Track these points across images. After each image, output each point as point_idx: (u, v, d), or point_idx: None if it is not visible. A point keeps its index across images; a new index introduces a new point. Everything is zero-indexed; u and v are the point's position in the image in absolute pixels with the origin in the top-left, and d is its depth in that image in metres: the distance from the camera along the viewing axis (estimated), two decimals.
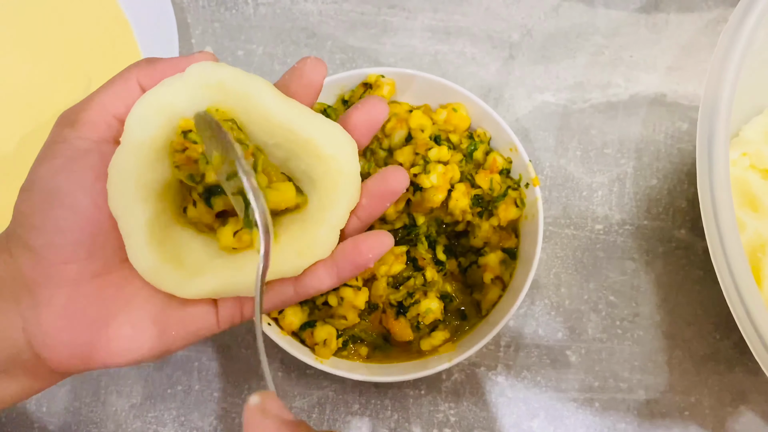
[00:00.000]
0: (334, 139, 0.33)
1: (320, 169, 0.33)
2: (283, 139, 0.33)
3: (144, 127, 0.32)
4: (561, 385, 0.54)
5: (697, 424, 0.54)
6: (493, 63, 0.60)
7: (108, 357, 0.32)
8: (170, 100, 0.32)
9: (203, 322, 0.34)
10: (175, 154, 0.33)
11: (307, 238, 0.33)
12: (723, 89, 0.40)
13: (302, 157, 0.33)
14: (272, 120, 0.33)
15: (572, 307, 0.56)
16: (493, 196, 0.50)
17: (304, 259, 0.33)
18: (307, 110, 0.33)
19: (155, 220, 0.33)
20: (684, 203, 0.57)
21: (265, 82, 0.33)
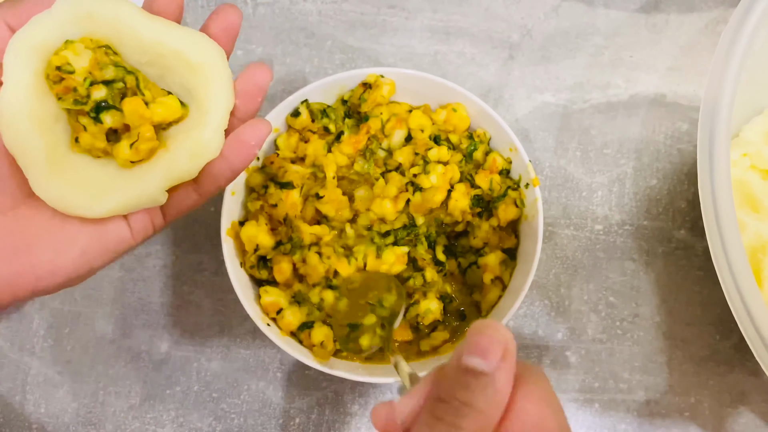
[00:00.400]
0: (200, 48, 0.35)
1: (194, 80, 0.35)
2: (155, 54, 0.35)
3: (23, 66, 0.33)
4: (561, 386, 0.54)
5: (697, 424, 0.54)
6: (492, 63, 0.60)
7: (34, 282, 0.34)
8: (42, 36, 0.33)
9: (119, 237, 0.36)
10: (55, 87, 0.34)
11: (196, 142, 0.35)
12: (724, 90, 0.40)
13: (175, 70, 0.35)
14: (142, 38, 0.34)
15: (572, 307, 0.56)
16: (493, 197, 0.50)
17: (196, 160, 0.35)
18: (174, 25, 0.35)
19: (53, 152, 0.34)
20: (684, 204, 0.57)
21: (132, 4, 0.35)
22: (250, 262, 0.49)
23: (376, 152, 0.51)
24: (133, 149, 0.35)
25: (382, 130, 0.51)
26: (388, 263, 0.49)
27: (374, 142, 0.51)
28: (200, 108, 0.35)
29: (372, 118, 0.51)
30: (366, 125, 0.51)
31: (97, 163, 0.36)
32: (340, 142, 0.51)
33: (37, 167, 0.34)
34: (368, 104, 0.51)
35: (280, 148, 0.51)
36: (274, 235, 0.49)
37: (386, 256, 0.49)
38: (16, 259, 0.34)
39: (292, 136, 0.51)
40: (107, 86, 0.35)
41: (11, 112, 0.33)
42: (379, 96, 0.50)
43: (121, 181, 0.35)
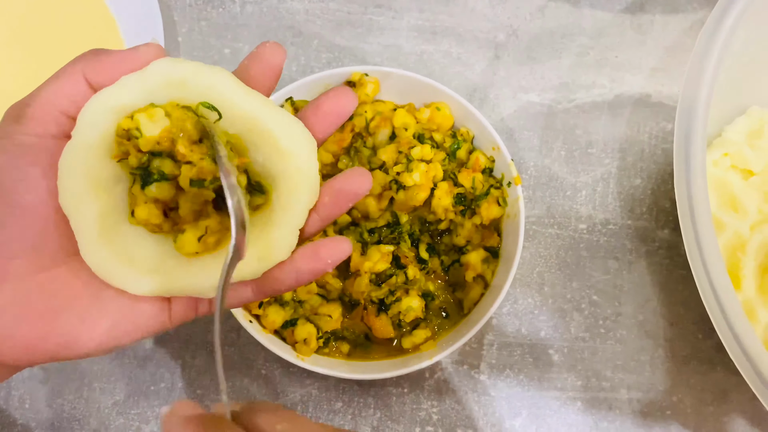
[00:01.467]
0: (292, 134, 0.33)
1: (279, 166, 0.33)
2: (245, 130, 0.33)
3: (96, 125, 0.31)
4: (543, 384, 0.55)
5: (679, 423, 0.54)
6: (478, 63, 0.60)
7: (56, 350, 0.32)
8: (127, 99, 0.31)
9: (155, 318, 0.34)
10: (116, 147, 0.32)
11: (268, 241, 0.32)
12: (700, 89, 0.40)
13: (261, 149, 0.33)
14: (234, 111, 0.32)
15: (555, 306, 0.56)
16: (476, 195, 0.51)
17: (264, 263, 0.32)
18: (269, 102, 0.33)
19: (106, 216, 0.32)
20: (667, 203, 0.58)
21: (227, 73, 0.33)
22: None
23: (360, 150, 0.51)
24: (201, 242, 0.32)
25: (367, 128, 0.51)
26: (372, 261, 0.49)
27: (358, 140, 0.52)
28: (280, 200, 0.33)
29: (356, 116, 0.51)
30: (350, 123, 0.51)
31: (152, 239, 0.34)
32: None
33: (86, 229, 0.32)
34: None
35: None
36: None
37: (371, 253, 0.49)
38: (41, 322, 0.32)
39: None
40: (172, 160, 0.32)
41: (70, 171, 0.31)
42: (363, 94, 0.51)
43: (175, 263, 0.33)
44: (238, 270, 0.32)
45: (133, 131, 0.31)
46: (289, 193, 0.33)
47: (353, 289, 0.49)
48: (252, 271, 0.33)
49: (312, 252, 0.34)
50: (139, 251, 0.33)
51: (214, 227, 0.33)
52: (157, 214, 0.33)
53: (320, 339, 0.49)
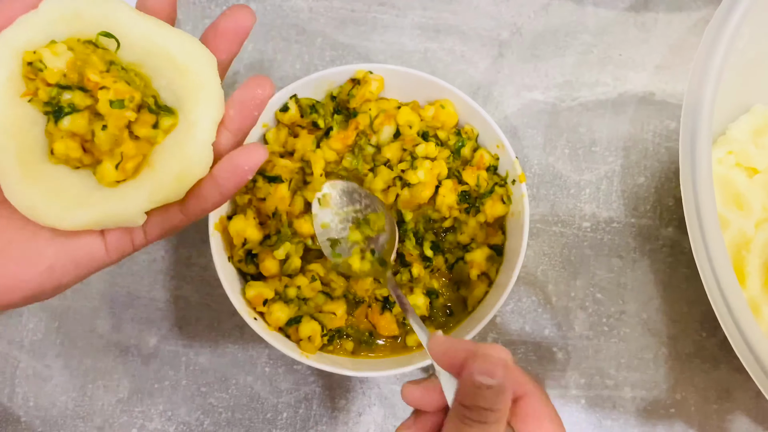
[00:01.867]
0: (189, 51, 0.33)
1: (181, 83, 0.33)
2: (144, 53, 0.33)
3: (1, 67, 0.32)
4: (547, 382, 0.55)
5: (683, 421, 0.54)
6: (482, 61, 0.60)
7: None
8: (26, 37, 0.32)
9: (92, 252, 0.34)
10: (26, 84, 0.32)
11: (182, 160, 0.33)
12: (706, 87, 0.40)
13: (163, 72, 0.33)
14: (131, 36, 0.33)
15: (559, 304, 0.56)
16: (480, 193, 0.51)
17: (183, 182, 0.33)
18: (166, 26, 0.33)
19: (26, 157, 0.32)
20: (671, 201, 0.58)
21: (122, 2, 0.33)
22: (238, 256, 0.49)
23: (364, 148, 0.51)
24: (119, 170, 0.33)
25: (371, 126, 0.51)
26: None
27: (363, 138, 0.52)
28: (187, 118, 0.33)
29: (361, 114, 0.51)
30: (355, 121, 0.51)
31: (76, 174, 0.34)
32: (329, 137, 0.51)
33: (9, 172, 0.32)
34: (357, 100, 0.51)
35: (269, 142, 0.52)
36: (262, 229, 0.50)
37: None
38: None
39: (281, 130, 0.52)
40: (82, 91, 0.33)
41: None
42: (367, 92, 0.51)
43: (100, 194, 0.33)
44: (159, 194, 0.33)
45: (37, 63, 0.32)
46: (195, 109, 0.33)
47: (357, 287, 0.49)
48: (174, 192, 0.33)
49: (228, 163, 0.34)
50: (64, 188, 0.33)
51: (130, 152, 0.33)
52: (75, 147, 0.33)
53: (324, 336, 0.49)
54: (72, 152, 0.33)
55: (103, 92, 0.32)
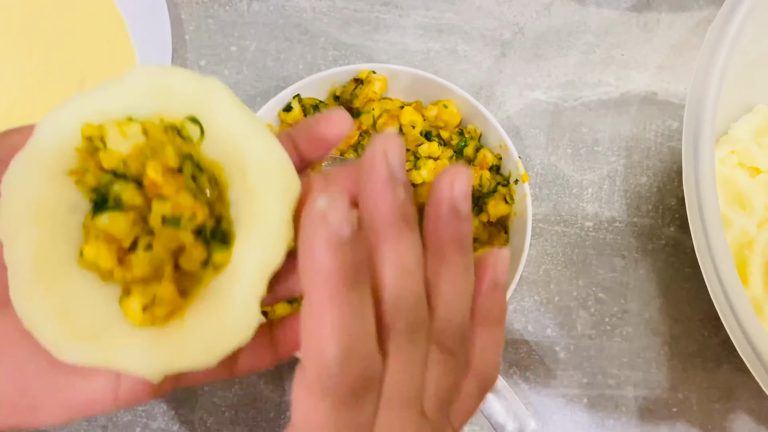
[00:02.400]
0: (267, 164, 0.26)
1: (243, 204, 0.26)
2: (223, 151, 0.26)
3: (56, 135, 0.25)
4: (550, 381, 0.55)
5: (685, 420, 0.54)
6: (484, 61, 0.60)
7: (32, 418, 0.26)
8: (100, 107, 0.25)
9: (95, 397, 0.26)
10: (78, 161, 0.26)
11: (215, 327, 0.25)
12: (709, 86, 0.41)
13: (234, 181, 0.26)
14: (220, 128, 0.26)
15: (561, 303, 0.56)
16: (483, 192, 0.51)
17: (213, 354, 0.25)
18: (259, 122, 0.27)
19: (49, 252, 0.25)
20: (674, 201, 0.58)
21: (223, 86, 0.27)
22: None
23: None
24: (146, 313, 0.25)
25: (374, 125, 0.52)
26: None
27: (366, 137, 0.52)
28: (233, 258, 0.25)
29: (364, 113, 0.51)
30: (358, 121, 0.51)
31: (101, 289, 0.26)
32: None
33: (20, 268, 0.24)
34: (360, 100, 0.51)
35: None
36: None
37: None
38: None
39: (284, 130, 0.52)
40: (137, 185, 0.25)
41: (13, 184, 0.24)
42: (370, 92, 0.51)
43: (119, 331, 0.25)
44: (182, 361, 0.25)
45: (97, 141, 0.25)
46: (243, 249, 0.26)
47: None
48: (202, 364, 0.25)
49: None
50: (80, 307, 0.25)
51: (166, 296, 0.25)
52: (108, 257, 0.25)
53: None
54: (102, 261, 0.25)
55: (159, 203, 0.25)
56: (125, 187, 0.25)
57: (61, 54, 0.58)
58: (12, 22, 0.58)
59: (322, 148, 0.30)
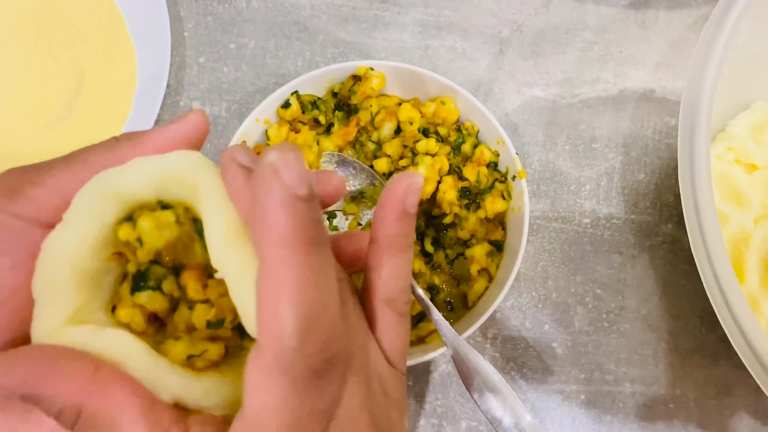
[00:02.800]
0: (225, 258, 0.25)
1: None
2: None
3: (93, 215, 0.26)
4: (547, 377, 0.55)
5: (682, 416, 0.55)
6: (483, 58, 0.61)
7: None
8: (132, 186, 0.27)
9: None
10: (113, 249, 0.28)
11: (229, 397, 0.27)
12: (705, 83, 0.41)
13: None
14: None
15: (559, 299, 0.56)
16: (480, 189, 0.51)
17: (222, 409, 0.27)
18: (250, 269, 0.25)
19: (82, 310, 0.27)
20: (671, 198, 0.58)
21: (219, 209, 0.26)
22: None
23: (365, 144, 0.52)
24: (189, 362, 0.27)
25: (372, 122, 0.52)
26: None
27: (364, 134, 0.52)
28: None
29: (362, 110, 0.52)
30: (356, 117, 0.52)
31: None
32: (330, 133, 0.51)
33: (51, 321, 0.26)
34: (358, 96, 0.51)
35: (270, 138, 0.52)
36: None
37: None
38: None
39: (282, 126, 0.52)
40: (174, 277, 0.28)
41: (54, 256, 0.26)
42: (368, 88, 0.51)
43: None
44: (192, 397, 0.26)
45: (134, 243, 0.27)
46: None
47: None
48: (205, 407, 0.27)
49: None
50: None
51: (212, 356, 0.27)
52: (141, 322, 0.27)
53: None
54: (135, 324, 0.27)
55: (203, 308, 0.27)
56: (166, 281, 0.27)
57: (61, 50, 0.58)
58: (13, 19, 0.59)
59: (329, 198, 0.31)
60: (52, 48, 0.58)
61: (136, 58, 0.58)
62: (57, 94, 0.58)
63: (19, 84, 0.58)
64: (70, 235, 0.26)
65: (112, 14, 0.59)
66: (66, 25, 0.59)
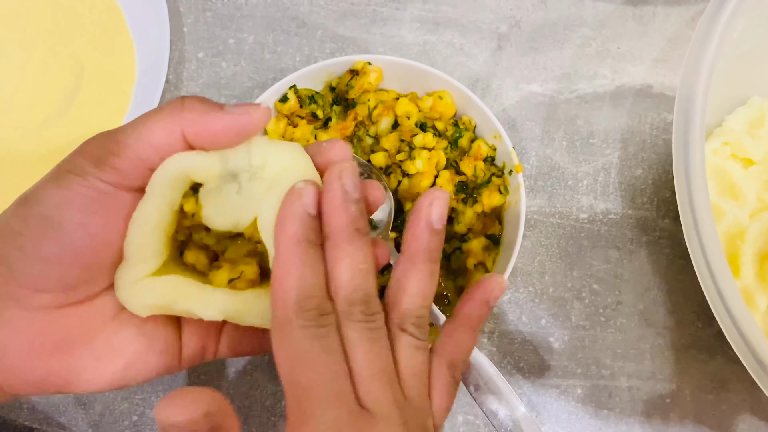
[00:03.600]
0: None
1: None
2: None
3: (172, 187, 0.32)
4: (544, 372, 0.55)
5: (678, 410, 0.55)
6: (481, 54, 0.61)
7: (63, 385, 0.32)
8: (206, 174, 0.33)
9: (166, 360, 0.35)
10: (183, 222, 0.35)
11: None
12: (699, 78, 0.41)
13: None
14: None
15: (556, 294, 0.56)
16: (477, 183, 0.51)
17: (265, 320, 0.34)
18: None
19: (162, 266, 0.34)
20: (668, 193, 0.58)
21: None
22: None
23: (363, 138, 0.52)
24: (231, 285, 0.34)
25: (369, 116, 0.52)
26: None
27: (361, 128, 0.52)
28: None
29: (359, 104, 0.52)
30: (353, 112, 0.52)
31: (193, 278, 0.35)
32: (328, 128, 0.52)
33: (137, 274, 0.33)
34: (355, 91, 0.52)
35: (268, 132, 0.52)
36: None
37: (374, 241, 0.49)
38: (54, 358, 0.32)
39: (280, 120, 0.52)
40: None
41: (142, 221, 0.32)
42: (366, 83, 0.51)
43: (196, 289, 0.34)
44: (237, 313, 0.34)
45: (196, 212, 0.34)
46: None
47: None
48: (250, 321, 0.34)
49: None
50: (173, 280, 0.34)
51: (250, 275, 0.34)
52: (205, 262, 0.35)
53: None
54: (199, 265, 0.35)
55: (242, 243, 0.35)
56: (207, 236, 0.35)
57: (60, 45, 0.59)
58: (13, 15, 0.59)
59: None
60: (53, 42, 0.59)
61: (135, 52, 0.59)
62: (57, 89, 0.58)
63: (19, 78, 0.58)
64: (153, 205, 0.32)
65: (112, 9, 0.59)
66: (66, 20, 0.59)
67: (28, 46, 0.59)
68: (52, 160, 0.56)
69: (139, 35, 0.59)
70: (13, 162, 0.56)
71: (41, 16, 0.59)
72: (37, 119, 0.57)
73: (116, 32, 0.59)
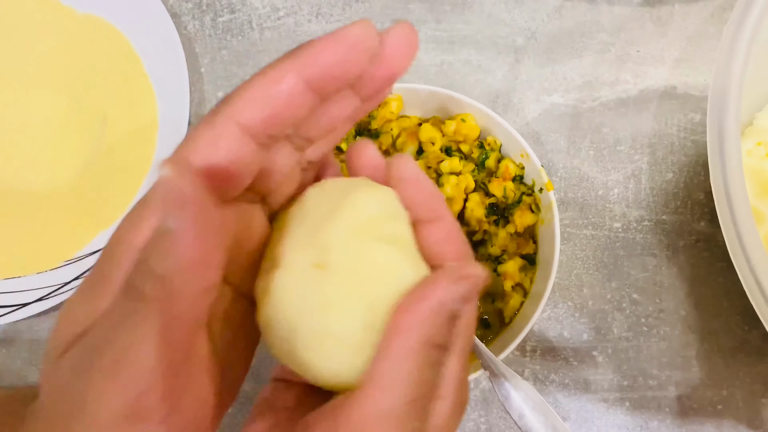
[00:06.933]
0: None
1: None
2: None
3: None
4: (590, 386, 0.54)
5: (731, 417, 0.54)
6: (499, 69, 0.60)
7: None
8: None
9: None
10: None
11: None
12: (731, 79, 0.40)
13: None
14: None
15: (596, 307, 0.55)
16: (508, 203, 0.51)
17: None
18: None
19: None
20: (702, 195, 0.57)
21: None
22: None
23: None
24: None
25: (394, 145, 0.52)
26: None
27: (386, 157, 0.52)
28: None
29: (383, 134, 0.52)
30: (377, 142, 0.52)
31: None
32: None
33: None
34: (378, 121, 0.51)
35: None
36: None
37: None
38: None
39: None
40: None
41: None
42: (387, 113, 0.51)
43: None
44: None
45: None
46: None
47: None
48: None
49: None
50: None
51: None
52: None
53: None
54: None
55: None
56: None
57: (83, 96, 0.60)
58: (37, 69, 0.60)
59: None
60: (76, 94, 0.59)
61: (155, 97, 0.59)
62: (82, 138, 0.58)
63: (46, 131, 0.59)
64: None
65: (129, 56, 0.60)
66: (87, 72, 0.60)
67: (54, 98, 0.59)
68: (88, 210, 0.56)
69: (159, 80, 0.59)
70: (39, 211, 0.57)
71: (61, 68, 0.60)
72: (68, 172, 0.58)
73: (136, 79, 0.60)
